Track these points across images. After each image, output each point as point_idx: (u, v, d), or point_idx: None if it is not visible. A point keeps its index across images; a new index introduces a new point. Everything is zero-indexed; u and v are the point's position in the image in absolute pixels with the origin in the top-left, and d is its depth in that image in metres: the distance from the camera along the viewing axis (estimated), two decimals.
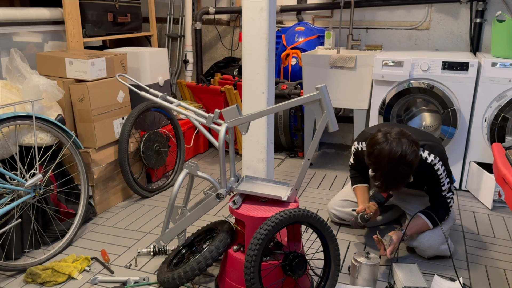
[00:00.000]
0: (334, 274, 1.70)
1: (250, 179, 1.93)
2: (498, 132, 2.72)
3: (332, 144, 3.99)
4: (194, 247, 2.03)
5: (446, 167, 2.03)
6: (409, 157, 1.80)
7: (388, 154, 1.80)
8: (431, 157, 1.99)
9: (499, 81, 2.69)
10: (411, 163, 1.82)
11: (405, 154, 1.79)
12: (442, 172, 2.01)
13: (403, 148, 1.80)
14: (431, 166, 1.99)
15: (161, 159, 2.96)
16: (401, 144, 1.81)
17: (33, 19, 2.75)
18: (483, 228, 2.44)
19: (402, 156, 1.79)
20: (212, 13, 3.85)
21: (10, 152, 2.05)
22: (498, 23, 2.77)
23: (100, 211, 2.61)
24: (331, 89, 3.09)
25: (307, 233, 2.37)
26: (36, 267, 1.95)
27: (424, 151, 2.00)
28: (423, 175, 2.01)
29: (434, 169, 1.99)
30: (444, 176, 2.03)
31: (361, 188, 2.31)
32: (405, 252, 2.19)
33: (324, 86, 1.63)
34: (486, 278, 1.99)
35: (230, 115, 1.76)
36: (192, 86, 3.61)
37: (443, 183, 2.04)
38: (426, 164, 1.99)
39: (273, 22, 2.11)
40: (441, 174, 2.01)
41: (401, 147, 1.80)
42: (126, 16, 3.45)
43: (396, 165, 1.81)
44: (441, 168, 2.00)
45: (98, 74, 2.48)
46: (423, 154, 1.99)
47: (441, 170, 2.00)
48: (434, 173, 2.00)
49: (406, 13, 3.54)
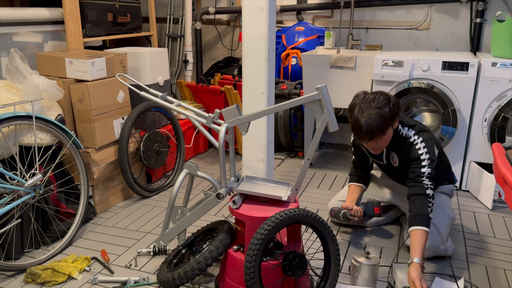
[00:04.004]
0: (334, 274, 1.70)
1: (250, 179, 1.93)
2: (498, 132, 2.72)
3: (332, 144, 3.99)
4: (194, 247, 2.03)
5: (430, 154, 1.99)
6: (381, 101, 1.91)
7: (362, 99, 1.95)
8: (415, 136, 2.03)
9: (499, 81, 2.69)
10: (383, 107, 1.90)
11: (377, 98, 1.92)
12: (422, 153, 1.99)
13: (376, 96, 1.94)
14: (412, 144, 2.02)
15: (161, 159, 2.96)
16: (375, 94, 1.96)
17: (33, 19, 2.75)
18: (483, 228, 2.44)
19: (374, 99, 1.92)
20: (212, 13, 3.85)
21: (10, 152, 2.05)
22: (498, 23, 2.77)
23: (100, 211, 2.61)
24: (331, 89, 3.09)
25: (307, 233, 2.37)
26: (36, 267, 1.95)
27: (409, 129, 2.05)
28: (406, 155, 2.04)
29: (414, 146, 2.01)
30: (425, 160, 1.98)
31: (355, 187, 2.35)
32: (405, 252, 2.19)
33: (324, 86, 1.63)
34: (486, 278, 1.99)
35: (230, 115, 1.76)
36: (192, 86, 3.61)
37: (423, 168, 1.98)
38: (407, 141, 2.04)
39: (273, 22, 2.11)
40: (422, 154, 1.99)
41: (374, 95, 1.95)
42: (126, 16, 3.45)
43: (368, 106, 1.91)
44: (422, 150, 1.99)
45: (98, 74, 2.48)
46: (408, 133, 2.05)
47: (422, 151, 1.99)
48: (414, 152, 2.00)
49: (406, 13, 3.54)
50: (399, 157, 2.10)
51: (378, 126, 1.90)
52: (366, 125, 1.90)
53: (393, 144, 2.08)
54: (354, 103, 1.97)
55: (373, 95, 1.95)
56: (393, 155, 2.13)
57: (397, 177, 2.28)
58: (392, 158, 2.15)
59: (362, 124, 1.90)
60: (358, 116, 1.92)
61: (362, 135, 1.94)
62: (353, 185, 2.36)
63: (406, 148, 2.04)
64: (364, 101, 1.93)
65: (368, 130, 1.90)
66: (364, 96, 1.96)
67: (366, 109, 1.91)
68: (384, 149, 2.14)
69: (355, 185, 2.36)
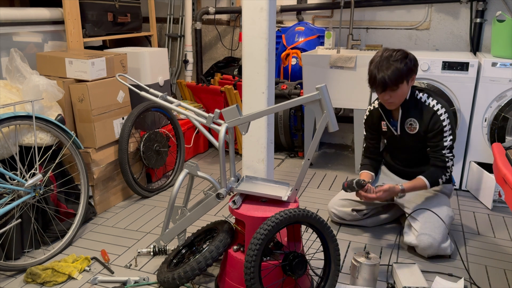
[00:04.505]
0: (334, 274, 1.70)
1: (250, 179, 1.93)
2: (498, 132, 2.72)
3: (332, 144, 3.99)
4: (194, 247, 2.03)
5: (451, 126, 2.10)
6: (398, 55, 2.01)
7: (381, 53, 2.06)
8: (438, 106, 2.10)
9: (499, 81, 2.69)
10: (399, 61, 2.00)
11: (395, 53, 2.02)
12: (446, 125, 2.09)
13: (395, 51, 2.04)
14: (437, 114, 2.09)
15: (161, 159, 2.96)
16: (394, 50, 2.05)
17: (33, 19, 2.75)
18: (483, 228, 2.44)
19: (392, 54, 2.02)
20: (212, 13, 3.85)
21: (10, 152, 2.05)
22: (498, 23, 2.77)
23: (100, 211, 2.61)
24: (331, 89, 3.08)
25: (307, 233, 2.37)
26: (36, 267, 1.95)
27: (433, 100, 2.13)
28: (428, 125, 2.11)
29: (440, 119, 2.08)
30: (448, 132, 2.09)
31: (366, 174, 2.36)
32: (405, 252, 2.19)
33: (324, 86, 1.63)
34: (486, 278, 1.99)
35: (230, 115, 1.76)
36: (192, 86, 3.61)
37: (446, 139, 2.10)
38: (432, 111, 2.10)
39: (273, 22, 2.11)
40: (445, 126, 2.09)
41: (393, 51, 2.05)
42: (126, 16, 3.45)
43: (386, 59, 2.01)
44: (446, 121, 2.09)
45: (98, 74, 2.48)
46: (431, 102, 2.12)
47: (446, 122, 2.09)
48: (439, 123, 2.08)
49: (406, 13, 3.54)
50: (419, 123, 2.14)
51: (392, 77, 1.99)
52: (380, 75, 2.00)
53: (412, 110, 2.15)
54: (374, 57, 2.07)
55: (392, 50, 2.05)
56: (412, 121, 2.16)
57: (408, 147, 2.25)
58: (410, 126, 2.17)
59: (377, 74, 2.01)
60: (374, 67, 2.03)
61: (376, 85, 2.04)
62: (364, 172, 2.37)
63: (428, 116, 2.11)
64: (383, 54, 2.04)
65: (382, 80, 2.00)
66: (384, 51, 2.07)
67: (383, 61, 2.02)
68: (399, 117, 2.17)
69: (366, 172, 2.36)
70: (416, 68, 2.07)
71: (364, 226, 2.43)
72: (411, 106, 2.14)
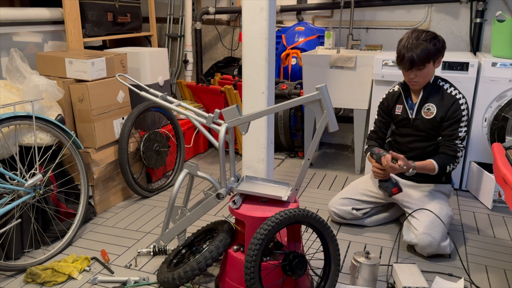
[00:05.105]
0: (334, 274, 1.70)
1: (250, 179, 1.93)
2: (498, 132, 2.72)
3: (332, 144, 3.99)
4: (194, 247, 2.03)
5: (467, 118, 2.15)
6: (427, 35, 2.07)
7: (411, 32, 2.11)
8: (460, 95, 2.15)
9: (499, 81, 2.69)
10: (428, 41, 2.05)
11: (424, 33, 2.08)
12: (465, 115, 2.13)
13: (424, 31, 2.09)
14: (458, 103, 2.13)
15: (161, 159, 2.96)
16: (424, 30, 2.11)
17: (33, 19, 2.75)
18: (483, 228, 2.44)
19: (421, 34, 2.07)
20: (212, 13, 3.86)
21: (10, 152, 2.05)
22: (498, 23, 2.77)
23: (100, 211, 2.61)
24: (331, 89, 3.09)
25: (307, 233, 2.37)
26: (36, 267, 1.95)
27: (455, 90, 2.18)
28: (447, 111, 2.14)
29: (460, 108, 2.12)
30: (464, 123, 2.14)
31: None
32: (405, 252, 2.19)
33: (324, 86, 1.63)
34: (486, 278, 1.99)
35: (230, 115, 1.76)
36: (192, 86, 3.61)
37: (461, 129, 2.14)
38: (454, 98, 2.14)
39: (273, 22, 2.11)
40: (464, 116, 2.13)
41: (423, 31, 2.10)
42: (126, 16, 3.45)
43: (415, 38, 2.06)
44: (465, 112, 2.13)
45: (98, 74, 2.48)
46: (454, 91, 2.16)
47: (465, 113, 2.13)
48: (459, 112, 2.12)
49: (406, 13, 3.54)
50: (438, 109, 2.16)
51: (419, 56, 2.04)
52: (408, 53, 2.05)
53: (433, 96, 2.18)
54: (403, 37, 2.13)
55: (422, 31, 2.10)
56: (430, 106, 2.18)
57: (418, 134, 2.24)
58: (427, 110, 2.19)
59: (405, 52, 2.06)
60: (403, 45, 2.08)
61: (403, 62, 2.09)
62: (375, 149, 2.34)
63: (449, 102, 2.14)
64: (413, 34, 2.09)
65: (410, 58, 2.05)
66: (414, 30, 2.12)
67: (412, 40, 2.06)
68: (418, 100, 2.20)
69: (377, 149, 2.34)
70: (443, 50, 2.12)
71: (364, 226, 2.43)
72: (433, 91, 2.18)
